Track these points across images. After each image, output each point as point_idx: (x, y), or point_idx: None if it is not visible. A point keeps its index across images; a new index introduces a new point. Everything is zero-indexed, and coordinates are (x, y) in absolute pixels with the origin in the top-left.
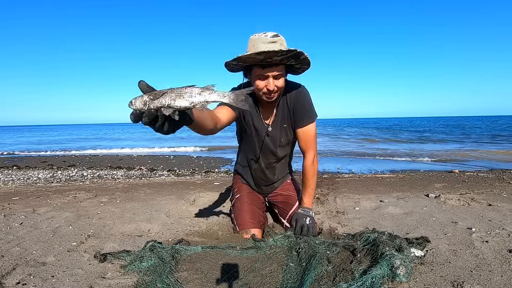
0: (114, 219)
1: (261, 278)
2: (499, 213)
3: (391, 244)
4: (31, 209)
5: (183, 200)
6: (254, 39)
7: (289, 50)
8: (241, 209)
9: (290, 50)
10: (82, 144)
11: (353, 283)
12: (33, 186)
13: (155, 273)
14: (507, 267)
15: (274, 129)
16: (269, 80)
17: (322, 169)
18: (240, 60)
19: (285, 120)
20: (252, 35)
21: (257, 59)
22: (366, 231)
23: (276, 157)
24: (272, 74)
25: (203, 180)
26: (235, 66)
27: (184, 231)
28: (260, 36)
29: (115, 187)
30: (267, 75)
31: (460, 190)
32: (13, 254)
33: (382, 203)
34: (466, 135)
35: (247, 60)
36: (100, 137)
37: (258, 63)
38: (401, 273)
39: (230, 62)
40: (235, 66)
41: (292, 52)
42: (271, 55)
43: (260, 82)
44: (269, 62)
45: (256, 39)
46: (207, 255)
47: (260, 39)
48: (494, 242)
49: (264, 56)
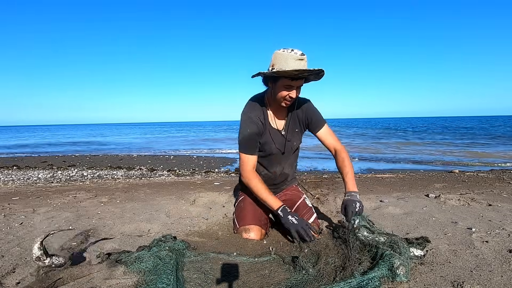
0: (114, 219)
1: (261, 278)
2: (499, 213)
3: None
4: (31, 209)
5: (183, 200)
6: (284, 54)
7: (318, 70)
8: (243, 208)
9: (319, 69)
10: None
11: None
12: (33, 186)
13: (155, 273)
14: (507, 267)
15: (289, 132)
16: (293, 90)
17: (322, 168)
18: (277, 73)
19: (297, 125)
20: (279, 50)
21: (293, 73)
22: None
23: (290, 160)
24: (297, 85)
25: (203, 180)
26: (266, 74)
27: (184, 231)
28: (290, 53)
29: (115, 187)
30: (293, 85)
31: (460, 190)
32: (13, 254)
33: (382, 203)
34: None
35: (283, 73)
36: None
37: (290, 76)
38: (401, 273)
39: (266, 73)
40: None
41: (319, 71)
42: (304, 72)
43: (285, 91)
44: (299, 76)
45: (287, 55)
46: (208, 256)
47: (291, 56)
48: (494, 242)
49: (299, 72)
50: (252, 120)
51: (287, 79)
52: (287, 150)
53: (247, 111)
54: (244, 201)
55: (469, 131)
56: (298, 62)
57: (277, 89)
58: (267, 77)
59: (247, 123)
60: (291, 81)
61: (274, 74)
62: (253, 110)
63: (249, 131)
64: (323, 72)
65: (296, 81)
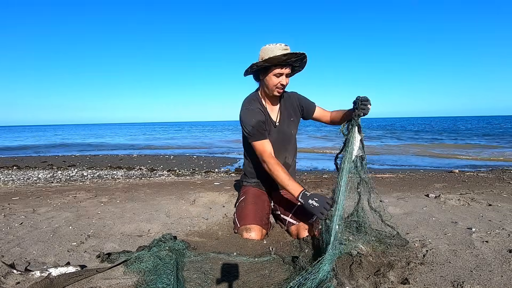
0: (114, 219)
1: (261, 278)
2: (499, 213)
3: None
4: (31, 209)
5: (183, 200)
6: (270, 47)
7: (302, 53)
8: (245, 208)
9: (302, 53)
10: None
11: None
12: (33, 186)
13: (155, 273)
14: (507, 267)
15: (285, 121)
16: (283, 77)
17: (322, 168)
18: (267, 60)
19: (291, 115)
20: (265, 46)
21: (281, 59)
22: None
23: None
24: (286, 72)
25: (203, 180)
26: (258, 66)
27: (184, 231)
28: (275, 45)
29: (115, 187)
30: (283, 73)
31: (460, 190)
32: (13, 254)
33: (382, 203)
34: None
35: (273, 60)
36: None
37: (280, 62)
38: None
39: (257, 63)
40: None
41: (303, 55)
42: (291, 57)
43: (276, 79)
44: (287, 62)
45: (273, 47)
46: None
47: (277, 47)
48: (494, 242)
49: (287, 57)
50: (255, 111)
51: (277, 67)
52: (287, 138)
53: (247, 106)
54: (245, 200)
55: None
56: (284, 51)
57: (268, 79)
58: (258, 70)
59: (251, 114)
60: (281, 69)
61: (266, 62)
62: (252, 103)
63: (255, 119)
64: (306, 58)
65: (285, 69)
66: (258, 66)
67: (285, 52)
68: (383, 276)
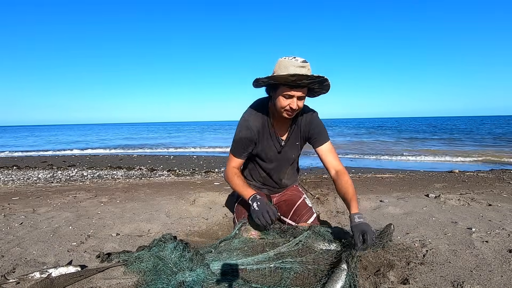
0: (114, 219)
1: (261, 278)
2: (499, 213)
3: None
4: (31, 209)
5: (183, 200)
6: (285, 61)
7: (318, 76)
8: (244, 207)
9: (319, 76)
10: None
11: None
12: (33, 186)
13: (155, 273)
14: (507, 267)
15: (288, 145)
16: (294, 100)
17: (322, 168)
18: (272, 78)
19: (298, 138)
20: (281, 58)
21: (289, 79)
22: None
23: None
24: (297, 94)
25: (203, 180)
26: (263, 82)
27: (184, 231)
28: (291, 60)
29: (115, 187)
30: (293, 95)
31: (460, 190)
32: (13, 254)
33: (382, 203)
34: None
35: (279, 79)
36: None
37: (288, 83)
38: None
39: (262, 79)
40: (264, 82)
41: (320, 78)
42: (301, 78)
43: (284, 100)
44: (298, 84)
45: (287, 62)
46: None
47: (291, 62)
48: (494, 242)
49: (296, 78)
50: (248, 126)
51: (286, 87)
52: (284, 162)
53: (248, 116)
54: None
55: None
56: (298, 69)
57: (276, 98)
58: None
59: (243, 126)
60: (290, 90)
61: (270, 80)
62: (254, 116)
63: (241, 135)
64: (328, 81)
65: (296, 90)
66: (264, 82)
67: (294, 72)
68: (383, 276)
